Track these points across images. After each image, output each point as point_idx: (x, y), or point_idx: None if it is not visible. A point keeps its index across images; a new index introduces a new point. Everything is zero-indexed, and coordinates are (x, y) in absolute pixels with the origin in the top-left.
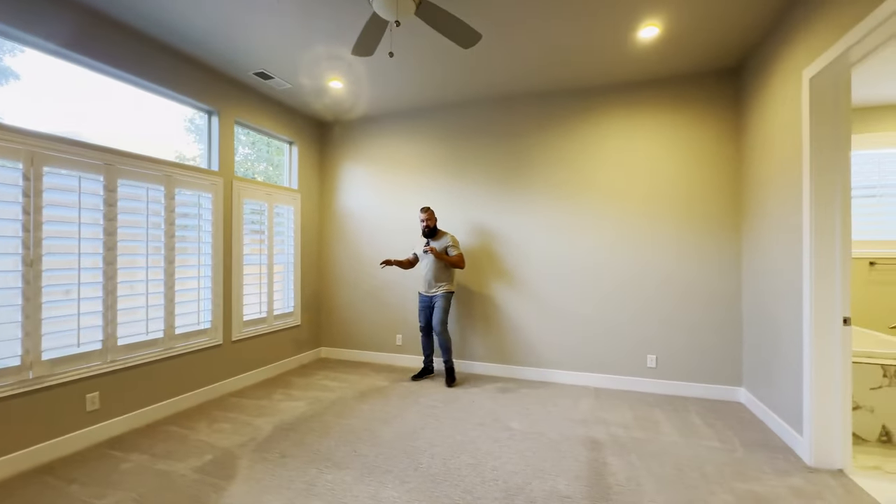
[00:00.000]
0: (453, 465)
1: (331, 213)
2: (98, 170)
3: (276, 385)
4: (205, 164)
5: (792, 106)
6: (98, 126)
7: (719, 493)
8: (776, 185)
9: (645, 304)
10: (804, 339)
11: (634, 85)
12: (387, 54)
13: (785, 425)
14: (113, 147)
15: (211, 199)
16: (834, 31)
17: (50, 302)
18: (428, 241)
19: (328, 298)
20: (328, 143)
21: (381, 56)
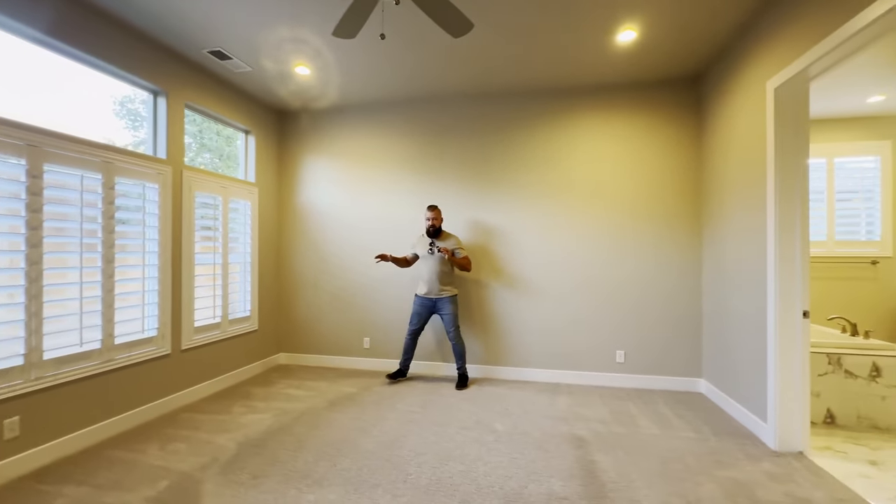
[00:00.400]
0: (444, 474)
1: (291, 210)
2: (18, 151)
3: (234, 397)
4: (149, 150)
5: (755, 113)
6: (19, 101)
7: (704, 482)
8: (740, 189)
9: (614, 301)
10: (769, 332)
11: (605, 88)
12: (361, 39)
13: (748, 413)
14: (38, 125)
15: (158, 191)
16: (797, 47)
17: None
18: (433, 241)
19: (288, 301)
20: (289, 134)
21: (351, 43)
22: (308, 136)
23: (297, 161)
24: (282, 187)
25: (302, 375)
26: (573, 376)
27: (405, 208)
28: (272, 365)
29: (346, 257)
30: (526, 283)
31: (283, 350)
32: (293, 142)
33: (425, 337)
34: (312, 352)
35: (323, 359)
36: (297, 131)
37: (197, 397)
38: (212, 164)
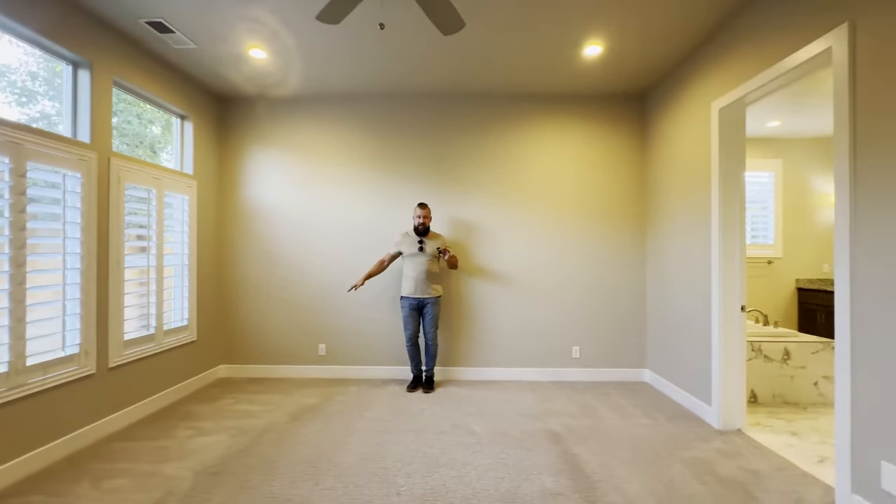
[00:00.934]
0: (437, 482)
1: (235, 206)
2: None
3: (173, 417)
4: (68, 132)
5: (701, 129)
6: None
7: (673, 464)
8: (685, 194)
9: (569, 299)
10: (713, 324)
11: (562, 97)
12: (324, 26)
13: (693, 398)
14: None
15: (80, 181)
16: (738, 76)
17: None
18: (421, 239)
19: (231, 307)
20: (232, 122)
21: (314, 29)
22: (257, 126)
23: (243, 152)
24: (224, 181)
25: (250, 389)
26: (533, 373)
27: (365, 207)
28: (212, 379)
29: (299, 259)
30: (485, 284)
31: (225, 362)
32: (238, 131)
33: (377, 339)
34: (259, 362)
35: (272, 369)
36: (243, 119)
37: (129, 421)
38: (131, 152)
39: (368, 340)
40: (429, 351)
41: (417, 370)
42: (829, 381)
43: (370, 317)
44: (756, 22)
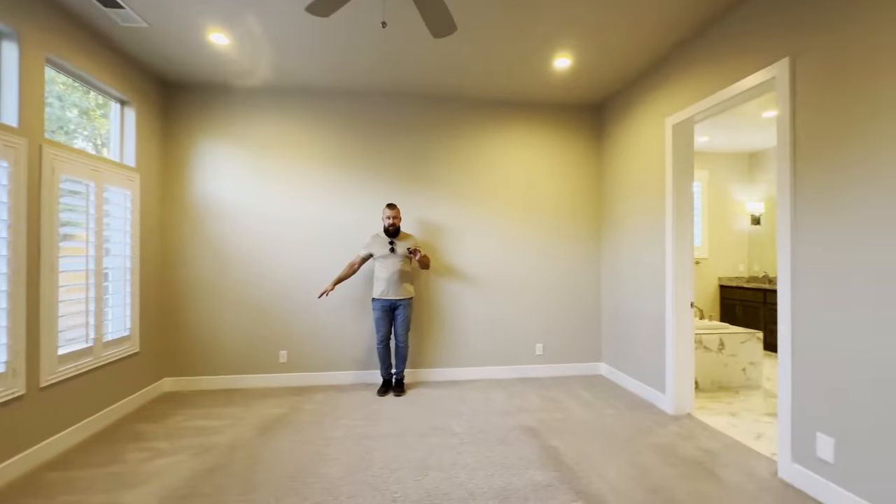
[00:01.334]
0: (429, 485)
1: (182, 203)
2: None
3: (119, 440)
4: None
5: (655, 141)
6: None
7: (642, 449)
8: (640, 200)
9: (532, 299)
10: (667, 320)
11: (528, 104)
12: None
13: (647, 387)
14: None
15: (7, 170)
16: (689, 98)
17: None
18: (392, 240)
19: (178, 314)
20: (181, 111)
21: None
22: (210, 117)
23: (192, 145)
24: (170, 175)
25: (202, 403)
26: (500, 371)
27: (330, 207)
28: (156, 394)
29: (258, 261)
30: (453, 284)
31: (169, 374)
32: (187, 121)
33: (343, 344)
34: (210, 373)
35: (225, 380)
36: (193, 109)
37: (67, 446)
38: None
39: (334, 345)
40: (399, 353)
41: (388, 373)
42: (755, 366)
43: (336, 321)
44: (708, 49)
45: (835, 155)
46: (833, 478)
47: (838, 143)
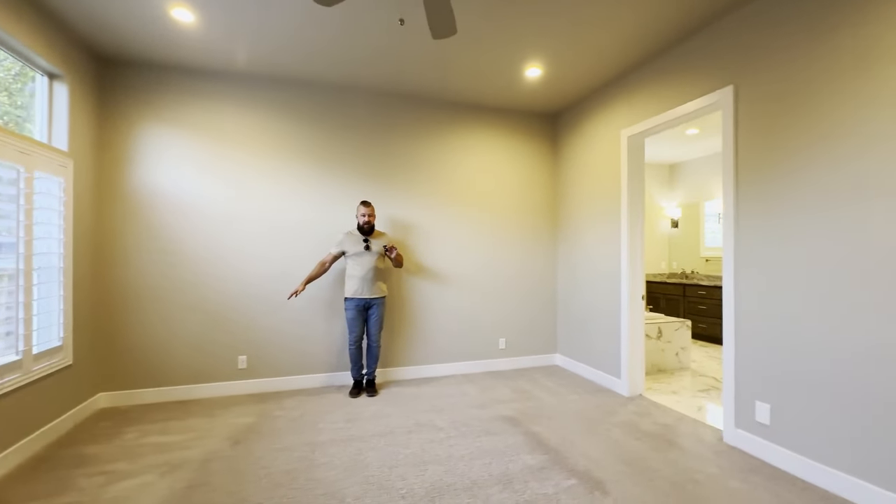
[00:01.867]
0: (432, 478)
1: (123, 194)
2: None
3: (62, 465)
4: None
5: (612, 150)
6: None
7: (610, 428)
8: (596, 206)
9: (495, 296)
10: (622, 312)
11: (492, 109)
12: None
13: (603, 374)
14: None
15: None
16: (641, 114)
17: None
18: (367, 238)
19: (117, 320)
20: (122, 91)
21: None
22: (159, 99)
23: (136, 130)
24: (108, 162)
25: (153, 417)
26: (467, 366)
27: (294, 204)
28: (90, 412)
29: (213, 260)
30: (421, 282)
31: (106, 388)
32: (130, 102)
33: (309, 346)
34: (156, 384)
35: (175, 391)
36: (138, 89)
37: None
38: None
39: (298, 347)
40: (372, 353)
41: (359, 374)
42: (685, 350)
43: (301, 322)
44: (662, 72)
45: (770, 167)
46: (770, 437)
47: (773, 158)
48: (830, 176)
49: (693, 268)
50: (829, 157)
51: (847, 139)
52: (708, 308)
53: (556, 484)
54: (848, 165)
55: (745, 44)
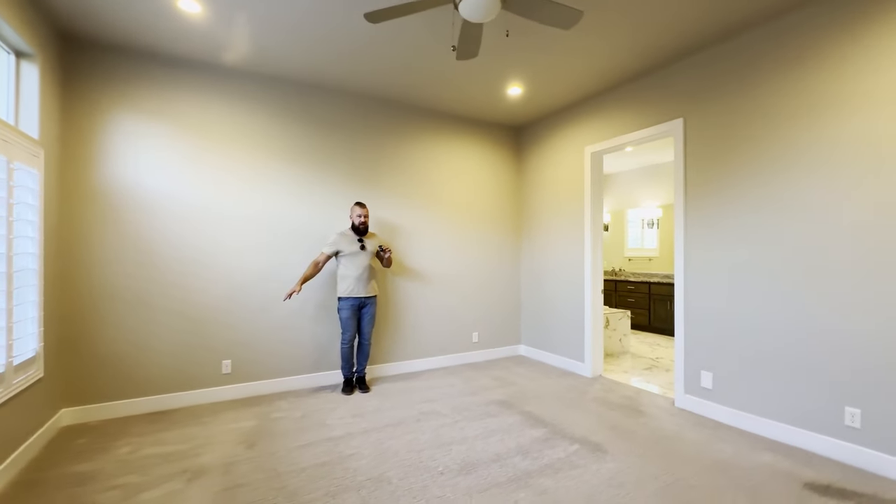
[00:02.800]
0: (459, 456)
1: (94, 189)
2: None
3: (61, 486)
4: None
5: (576, 164)
6: None
7: (587, 403)
8: (561, 212)
9: (468, 293)
10: (586, 304)
11: (468, 120)
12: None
13: (567, 359)
14: None
15: None
16: (602, 135)
17: None
18: (361, 238)
19: (88, 327)
20: (96, 77)
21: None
22: (136, 88)
23: (110, 120)
24: (78, 154)
25: (136, 430)
26: (445, 360)
27: (281, 205)
28: (55, 430)
29: (194, 261)
30: (404, 281)
31: (69, 404)
32: (105, 90)
33: (296, 348)
34: (127, 396)
35: (149, 402)
36: (114, 75)
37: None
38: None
39: (285, 350)
40: (364, 351)
41: (350, 372)
42: (626, 337)
43: (288, 323)
44: (623, 99)
45: (712, 185)
46: (712, 398)
47: (715, 178)
48: (760, 191)
49: (620, 266)
50: (758, 178)
51: (773, 163)
52: (636, 300)
53: (564, 449)
54: (773, 185)
55: (694, 84)
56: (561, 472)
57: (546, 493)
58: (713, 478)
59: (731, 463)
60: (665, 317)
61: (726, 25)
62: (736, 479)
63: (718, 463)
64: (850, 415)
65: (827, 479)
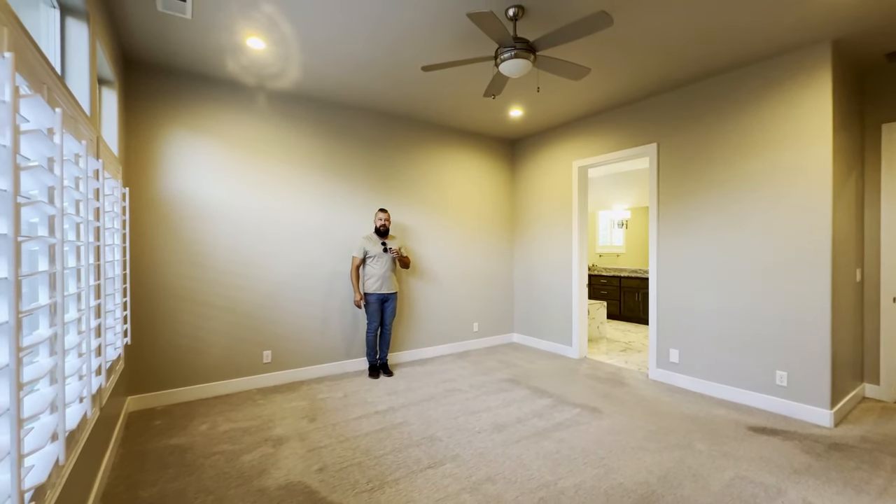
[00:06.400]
0: (490, 420)
1: (154, 199)
2: None
3: (164, 456)
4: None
5: (565, 175)
6: None
7: (580, 378)
8: (552, 216)
9: (471, 287)
10: (574, 295)
11: (474, 134)
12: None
13: (557, 344)
14: None
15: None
16: (587, 152)
17: None
18: (384, 241)
19: (154, 323)
20: (148, 96)
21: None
22: (187, 107)
23: (166, 135)
24: (139, 167)
25: (201, 412)
26: (451, 347)
27: (313, 210)
28: (125, 416)
29: (239, 263)
30: (415, 278)
31: (136, 392)
32: (167, 109)
33: (326, 338)
34: (184, 384)
35: (202, 389)
36: (164, 95)
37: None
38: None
39: (317, 340)
40: (385, 340)
41: (374, 359)
42: (603, 324)
43: (320, 316)
44: (607, 122)
45: (680, 199)
46: (679, 370)
47: (682, 194)
48: (714, 205)
49: (592, 262)
50: (713, 195)
51: (723, 185)
52: (609, 293)
53: (569, 412)
54: (723, 201)
55: (667, 116)
56: (571, 428)
57: (563, 441)
58: (684, 425)
59: (696, 416)
60: (634, 306)
61: (693, 74)
62: (700, 425)
63: (687, 416)
64: (780, 376)
65: (763, 423)
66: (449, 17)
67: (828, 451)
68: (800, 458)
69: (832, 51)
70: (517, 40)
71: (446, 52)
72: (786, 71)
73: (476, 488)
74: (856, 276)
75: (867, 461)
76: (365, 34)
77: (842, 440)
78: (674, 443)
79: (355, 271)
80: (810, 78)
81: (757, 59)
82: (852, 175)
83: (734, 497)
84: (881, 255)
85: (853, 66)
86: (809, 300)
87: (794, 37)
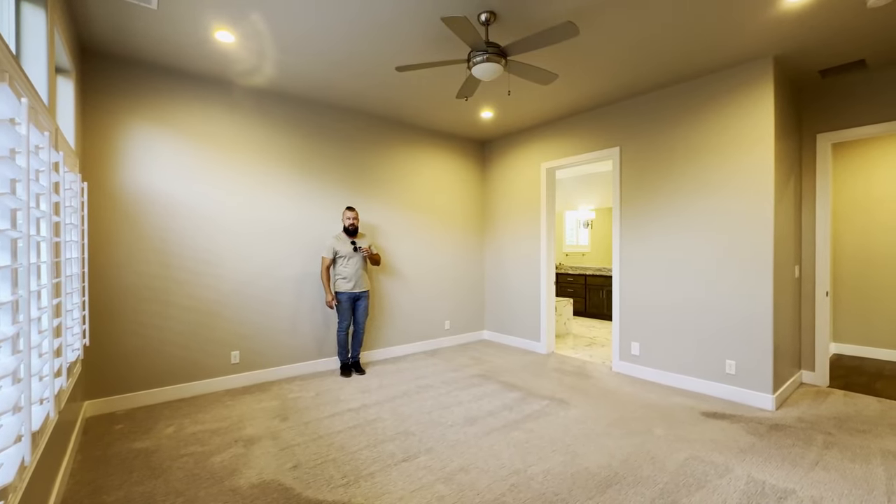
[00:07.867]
0: (461, 414)
1: (108, 192)
2: None
3: (127, 460)
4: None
5: (534, 176)
6: None
7: (548, 372)
8: (521, 217)
9: (441, 285)
10: (542, 294)
11: (444, 134)
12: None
13: (527, 340)
14: None
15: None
16: (555, 154)
17: None
18: (354, 240)
19: (112, 323)
20: (114, 86)
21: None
22: (149, 99)
23: (127, 129)
24: (96, 160)
25: (166, 414)
26: (423, 345)
27: (281, 206)
28: (83, 421)
29: (204, 261)
30: (385, 277)
31: (93, 396)
32: (117, 100)
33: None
34: (148, 386)
35: (166, 391)
36: (128, 88)
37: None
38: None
39: (287, 340)
40: (358, 338)
41: (346, 357)
42: (570, 321)
43: (290, 316)
44: (574, 126)
45: (640, 201)
46: (639, 362)
47: (640, 195)
48: (670, 208)
49: (559, 261)
50: (669, 198)
51: (679, 189)
52: (575, 290)
53: (538, 404)
54: (677, 203)
55: (629, 121)
56: (540, 418)
57: (533, 431)
58: (644, 413)
59: (655, 404)
60: (598, 303)
61: (651, 83)
62: (659, 412)
63: (647, 404)
64: (729, 365)
65: (715, 409)
66: (423, 20)
67: (769, 432)
68: (745, 439)
69: (774, 66)
70: (489, 45)
71: (420, 53)
72: (734, 83)
73: (450, 478)
74: (794, 273)
75: (802, 439)
76: (340, 33)
77: (781, 421)
78: (635, 429)
79: (325, 272)
80: (755, 89)
81: (708, 72)
82: (791, 180)
83: (687, 475)
84: (815, 254)
85: (792, 80)
86: (754, 295)
87: (740, 53)
